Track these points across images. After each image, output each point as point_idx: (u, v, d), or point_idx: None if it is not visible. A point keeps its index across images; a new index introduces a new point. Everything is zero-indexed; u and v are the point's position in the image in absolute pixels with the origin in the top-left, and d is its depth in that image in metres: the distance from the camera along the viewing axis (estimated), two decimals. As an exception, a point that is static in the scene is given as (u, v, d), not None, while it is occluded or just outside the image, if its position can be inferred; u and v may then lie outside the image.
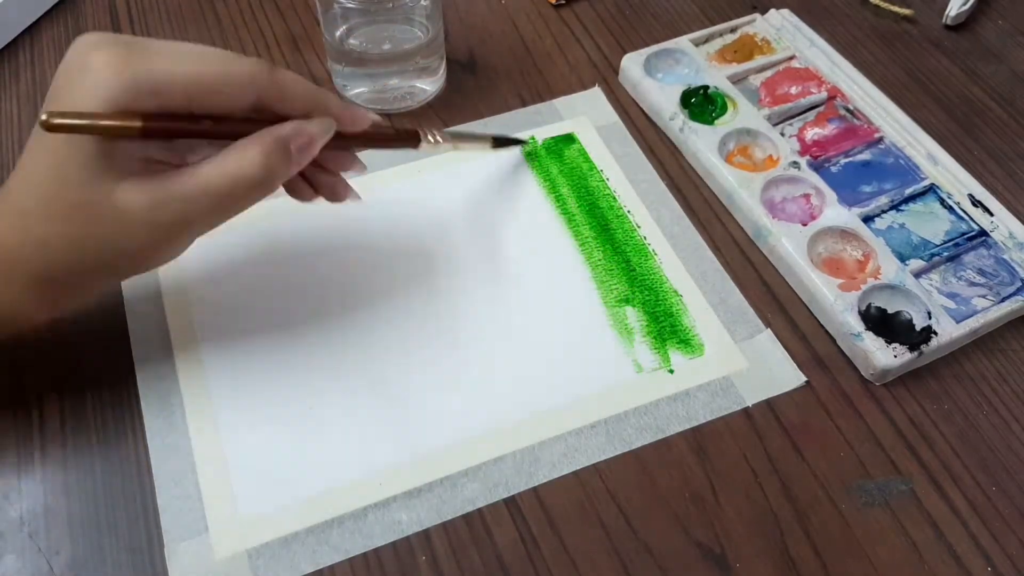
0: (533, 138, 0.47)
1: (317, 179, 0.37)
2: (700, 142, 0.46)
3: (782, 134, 0.47)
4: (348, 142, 0.36)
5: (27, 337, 0.38)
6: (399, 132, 0.39)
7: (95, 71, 0.29)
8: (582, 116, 0.48)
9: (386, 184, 0.45)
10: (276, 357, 0.38)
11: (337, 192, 0.37)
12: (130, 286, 0.40)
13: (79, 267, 0.31)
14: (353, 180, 0.45)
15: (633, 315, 0.40)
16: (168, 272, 0.41)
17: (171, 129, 0.31)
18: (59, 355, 0.38)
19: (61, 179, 0.30)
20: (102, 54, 0.29)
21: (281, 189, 0.34)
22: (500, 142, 0.45)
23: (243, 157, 0.31)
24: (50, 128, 0.28)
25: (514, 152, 0.47)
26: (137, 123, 0.29)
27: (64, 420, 0.36)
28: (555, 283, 0.41)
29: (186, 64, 0.30)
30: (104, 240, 0.31)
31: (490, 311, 0.40)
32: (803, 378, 0.38)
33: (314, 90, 0.34)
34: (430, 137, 0.39)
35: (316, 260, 0.42)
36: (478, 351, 0.39)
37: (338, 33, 0.46)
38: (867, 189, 0.45)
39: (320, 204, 0.37)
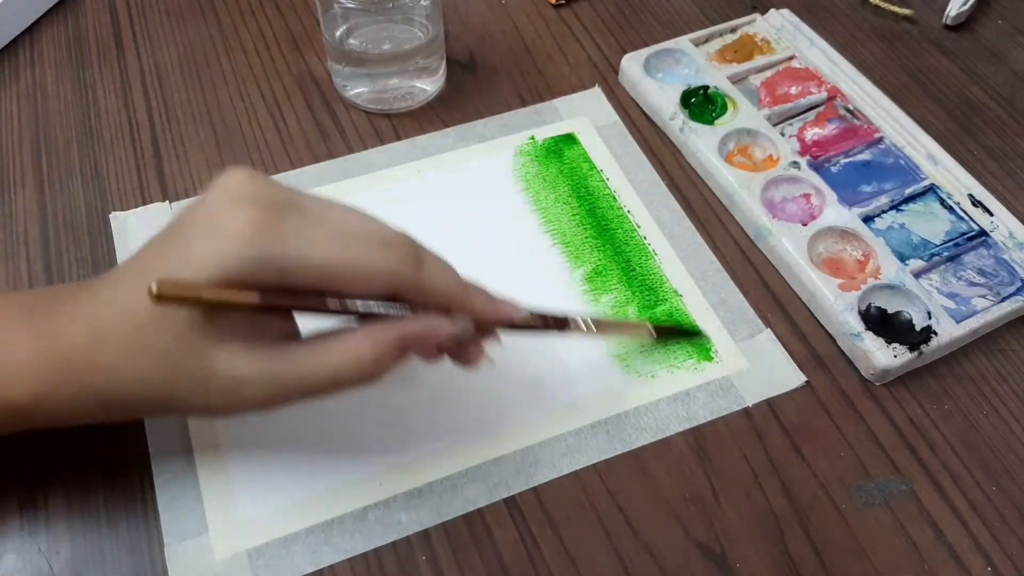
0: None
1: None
2: (700, 142, 0.46)
3: (782, 134, 0.47)
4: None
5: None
6: (547, 320, 0.34)
7: (225, 234, 0.27)
8: (582, 116, 0.48)
9: (383, 184, 0.45)
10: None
11: (468, 358, 0.33)
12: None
13: (144, 402, 0.29)
14: (356, 178, 0.45)
15: (633, 315, 0.40)
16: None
17: (291, 306, 0.29)
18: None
19: (156, 320, 0.27)
20: (240, 216, 0.27)
21: None
22: (664, 332, 0.39)
23: (352, 352, 0.29)
24: (159, 300, 0.26)
25: (506, 160, 0.46)
26: (254, 299, 0.27)
27: (64, 420, 0.36)
28: (555, 285, 0.41)
29: (324, 249, 0.28)
30: (182, 392, 0.29)
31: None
32: (803, 378, 0.38)
33: (459, 291, 0.31)
34: (582, 325, 0.35)
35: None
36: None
37: (338, 33, 0.46)
38: (867, 189, 0.45)
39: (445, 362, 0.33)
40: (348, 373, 0.29)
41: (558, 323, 0.34)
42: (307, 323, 0.31)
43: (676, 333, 0.39)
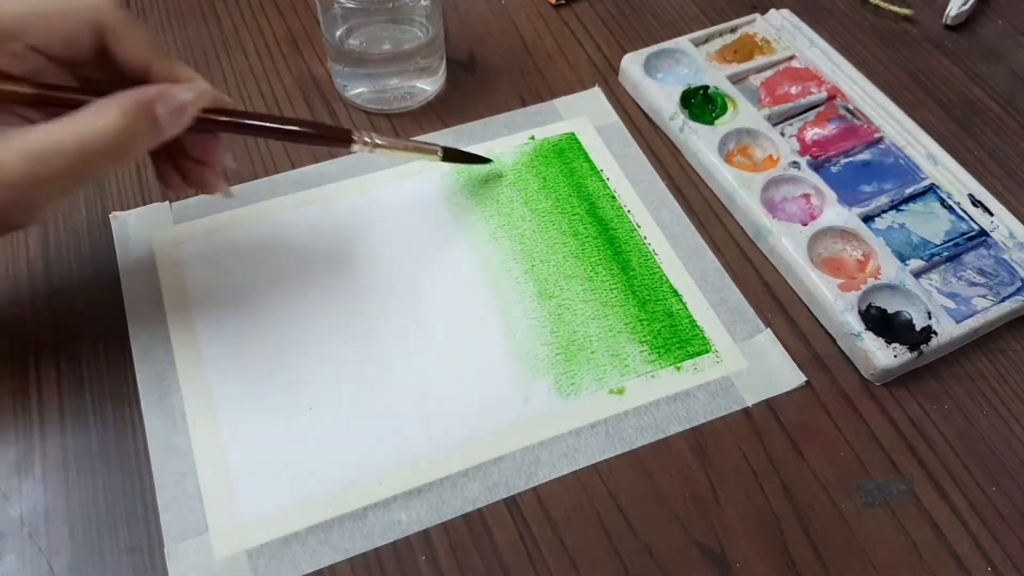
0: (534, 137, 0.46)
1: (185, 167, 0.35)
2: (700, 142, 0.46)
3: (782, 134, 0.47)
4: (257, 130, 0.35)
5: (26, 331, 0.38)
6: (327, 129, 0.36)
7: None
8: (582, 116, 0.48)
9: (387, 184, 0.45)
10: (276, 358, 0.38)
11: (208, 183, 0.36)
12: (130, 284, 0.40)
13: None
14: (359, 178, 0.45)
15: (633, 315, 0.40)
16: (167, 271, 0.41)
17: (62, 99, 0.30)
18: (59, 355, 0.38)
19: None
20: None
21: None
22: (452, 155, 0.42)
23: (99, 117, 0.30)
24: None
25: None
26: (28, 89, 0.30)
27: (64, 420, 0.36)
28: (551, 285, 0.41)
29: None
30: None
31: (492, 312, 0.40)
32: (803, 378, 0.38)
33: (160, 46, 0.32)
34: (366, 138, 0.36)
35: (317, 262, 0.42)
36: (478, 351, 0.39)
37: (338, 33, 0.46)
38: (867, 189, 0.45)
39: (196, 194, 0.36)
40: (99, 138, 0.29)
41: (340, 134, 0.35)
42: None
43: (463, 157, 0.42)
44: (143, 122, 0.30)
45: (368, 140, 0.36)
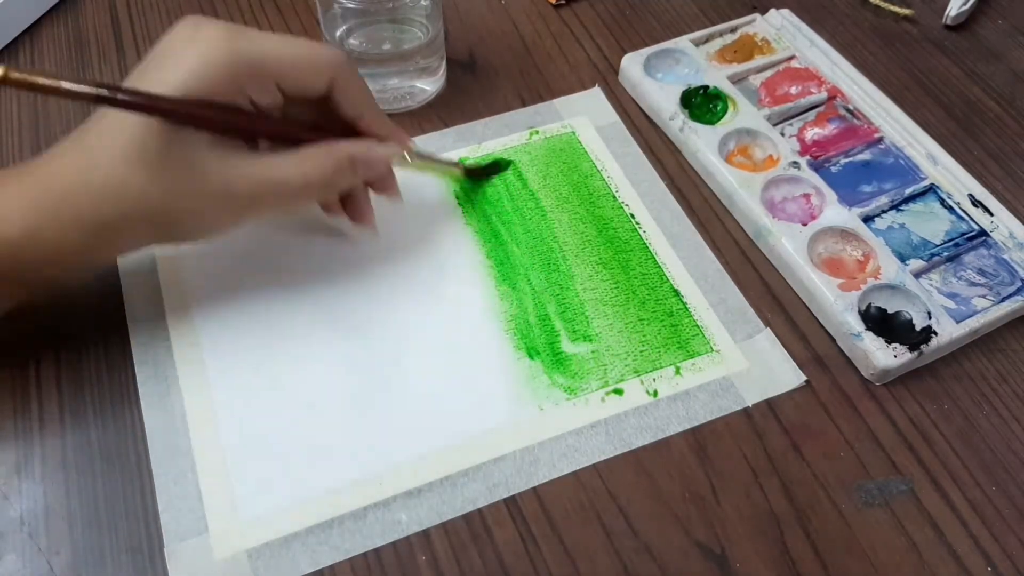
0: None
1: (352, 193, 0.39)
2: (700, 142, 0.46)
3: (782, 134, 0.47)
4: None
5: (26, 331, 0.38)
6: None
7: (204, 40, 0.32)
8: (582, 116, 0.48)
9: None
10: (277, 357, 0.38)
11: (363, 213, 0.40)
12: (130, 284, 0.40)
13: (136, 215, 0.32)
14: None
15: (633, 314, 0.40)
16: (167, 272, 0.41)
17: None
18: (59, 354, 0.38)
19: (146, 135, 0.31)
20: (213, 27, 0.33)
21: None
22: (473, 172, 0.45)
23: (320, 161, 0.35)
24: (3, 82, 0.30)
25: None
26: (90, 90, 0.31)
27: (64, 420, 0.36)
28: (551, 284, 0.41)
29: (280, 44, 0.34)
30: (171, 193, 0.32)
31: (490, 312, 0.40)
32: (803, 378, 0.38)
33: (374, 101, 0.37)
34: (407, 158, 0.40)
35: (317, 260, 0.42)
36: (478, 350, 0.39)
37: (338, 33, 0.46)
38: (867, 189, 0.45)
39: (342, 225, 0.41)
40: (315, 178, 0.35)
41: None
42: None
43: (484, 171, 0.45)
44: (347, 171, 0.36)
45: (407, 159, 0.40)
